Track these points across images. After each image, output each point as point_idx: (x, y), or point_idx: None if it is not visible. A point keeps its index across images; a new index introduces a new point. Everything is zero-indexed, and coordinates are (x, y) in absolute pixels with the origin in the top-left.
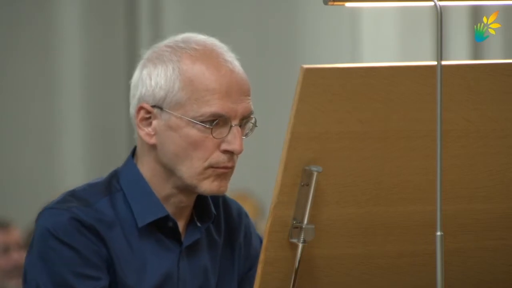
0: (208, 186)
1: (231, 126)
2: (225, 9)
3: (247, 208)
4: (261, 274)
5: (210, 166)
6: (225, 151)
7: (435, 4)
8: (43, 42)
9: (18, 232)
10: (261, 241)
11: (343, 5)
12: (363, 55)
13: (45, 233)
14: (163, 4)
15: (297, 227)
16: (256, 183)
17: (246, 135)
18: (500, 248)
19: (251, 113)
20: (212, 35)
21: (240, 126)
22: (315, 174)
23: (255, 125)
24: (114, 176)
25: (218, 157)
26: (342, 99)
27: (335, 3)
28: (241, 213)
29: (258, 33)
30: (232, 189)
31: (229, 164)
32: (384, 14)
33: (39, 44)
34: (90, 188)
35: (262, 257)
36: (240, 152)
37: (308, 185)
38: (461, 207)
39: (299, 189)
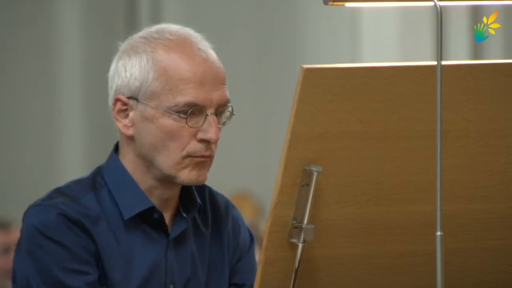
0: (186, 176)
1: (206, 115)
2: (225, 9)
3: (247, 208)
4: (261, 274)
5: (188, 156)
6: (202, 140)
7: (435, 4)
8: (43, 42)
9: (19, 232)
10: (250, 233)
11: (343, 5)
12: (363, 55)
13: (33, 231)
14: (163, 4)
15: (297, 227)
16: (256, 183)
17: (224, 124)
18: (500, 248)
19: (227, 101)
20: (212, 35)
21: (216, 115)
22: (315, 174)
23: (232, 113)
24: (98, 172)
25: (195, 146)
26: (342, 99)
27: (335, 3)
28: (228, 205)
29: (258, 33)
30: (232, 189)
31: (207, 153)
32: (384, 14)
33: (39, 44)
34: (75, 185)
35: (262, 257)
36: (215, 140)
37: (308, 185)
38: (461, 207)
39: (299, 189)
